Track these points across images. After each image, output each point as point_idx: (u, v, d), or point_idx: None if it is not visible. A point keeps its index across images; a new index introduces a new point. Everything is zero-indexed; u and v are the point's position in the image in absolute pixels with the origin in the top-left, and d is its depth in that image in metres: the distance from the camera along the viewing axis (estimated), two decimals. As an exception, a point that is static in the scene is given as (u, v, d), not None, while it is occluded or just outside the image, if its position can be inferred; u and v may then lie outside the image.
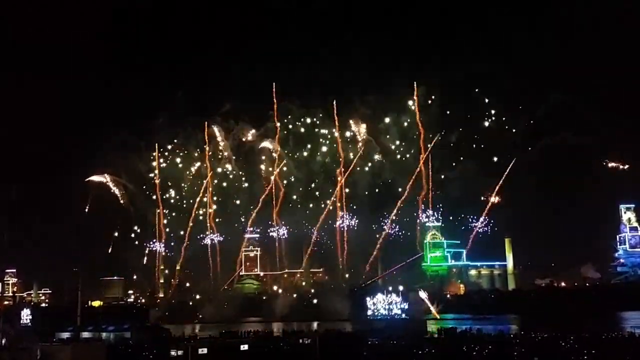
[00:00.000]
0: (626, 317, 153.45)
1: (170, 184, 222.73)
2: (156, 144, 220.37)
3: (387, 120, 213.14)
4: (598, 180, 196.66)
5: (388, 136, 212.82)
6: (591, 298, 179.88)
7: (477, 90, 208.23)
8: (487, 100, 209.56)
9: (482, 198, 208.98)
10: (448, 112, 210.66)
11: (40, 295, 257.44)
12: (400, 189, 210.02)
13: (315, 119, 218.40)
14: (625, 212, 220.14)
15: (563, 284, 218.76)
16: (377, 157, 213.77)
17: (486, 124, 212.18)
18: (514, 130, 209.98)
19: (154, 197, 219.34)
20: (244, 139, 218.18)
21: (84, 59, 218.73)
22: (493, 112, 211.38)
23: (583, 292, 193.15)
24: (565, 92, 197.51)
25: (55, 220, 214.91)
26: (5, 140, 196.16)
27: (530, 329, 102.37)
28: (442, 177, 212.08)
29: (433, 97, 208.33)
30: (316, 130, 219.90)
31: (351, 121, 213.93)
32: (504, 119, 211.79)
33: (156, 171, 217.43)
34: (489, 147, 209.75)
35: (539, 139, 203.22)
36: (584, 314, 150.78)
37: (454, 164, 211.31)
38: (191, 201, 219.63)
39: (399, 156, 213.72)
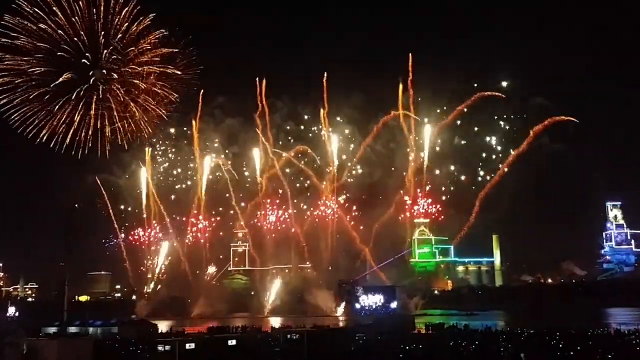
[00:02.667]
0: (612, 313, 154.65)
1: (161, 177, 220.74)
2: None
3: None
4: (585, 177, 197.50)
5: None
6: (577, 294, 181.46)
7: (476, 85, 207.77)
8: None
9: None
10: (438, 111, 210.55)
11: (27, 289, 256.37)
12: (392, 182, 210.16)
13: (305, 116, 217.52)
14: (611, 210, 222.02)
15: (550, 280, 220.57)
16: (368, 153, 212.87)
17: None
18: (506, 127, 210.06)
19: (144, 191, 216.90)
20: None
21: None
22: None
23: (569, 289, 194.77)
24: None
25: (42, 214, 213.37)
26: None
27: (516, 325, 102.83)
28: (434, 172, 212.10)
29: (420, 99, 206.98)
30: (306, 126, 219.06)
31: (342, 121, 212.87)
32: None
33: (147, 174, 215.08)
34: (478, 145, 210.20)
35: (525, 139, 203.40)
36: (570, 310, 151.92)
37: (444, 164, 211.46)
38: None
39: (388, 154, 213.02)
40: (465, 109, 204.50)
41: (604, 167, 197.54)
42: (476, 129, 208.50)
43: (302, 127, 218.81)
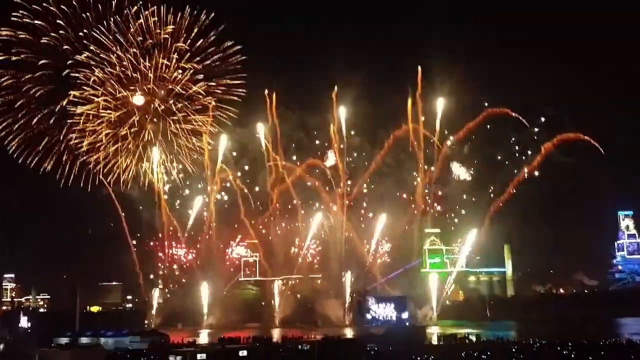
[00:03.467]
0: (624, 323, 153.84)
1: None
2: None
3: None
4: (596, 187, 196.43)
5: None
6: (589, 305, 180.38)
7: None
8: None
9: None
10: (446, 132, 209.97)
11: (39, 300, 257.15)
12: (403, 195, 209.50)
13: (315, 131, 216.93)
14: (623, 219, 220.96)
15: (561, 290, 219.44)
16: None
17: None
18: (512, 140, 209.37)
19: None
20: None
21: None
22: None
23: (581, 299, 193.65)
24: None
25: (54, 225, 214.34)
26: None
27: (528, 336, 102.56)
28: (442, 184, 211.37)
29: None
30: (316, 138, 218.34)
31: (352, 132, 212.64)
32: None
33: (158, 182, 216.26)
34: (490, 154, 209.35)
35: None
36: (583, 320, 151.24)
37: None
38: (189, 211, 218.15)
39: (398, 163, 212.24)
40: (475, 125, 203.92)
41: (616, 176, 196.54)
42: (486, 144, 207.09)
43: (314, 139, 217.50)
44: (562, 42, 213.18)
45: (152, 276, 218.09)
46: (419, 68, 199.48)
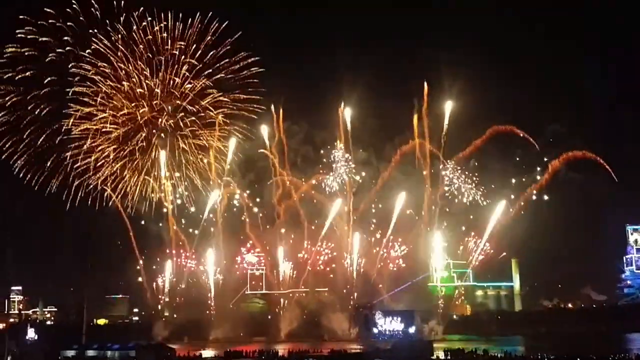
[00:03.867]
0: (633, 338, 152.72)
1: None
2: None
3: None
4: (605, 202, 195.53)
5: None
6: (598, 320, 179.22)
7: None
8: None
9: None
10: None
11: (46, 313, 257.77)
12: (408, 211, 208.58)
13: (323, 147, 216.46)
14: (632, 234, 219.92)
15: (570, 305, 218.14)
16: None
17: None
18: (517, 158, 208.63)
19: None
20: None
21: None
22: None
23: (590, 314, 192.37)
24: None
25: (62, 239, 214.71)
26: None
27: (537, 351, 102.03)
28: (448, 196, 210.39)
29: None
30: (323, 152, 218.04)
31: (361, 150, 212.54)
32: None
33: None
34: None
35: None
36: (591, 335, 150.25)
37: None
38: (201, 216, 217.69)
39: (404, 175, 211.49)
40: (481, 142, 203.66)
41: (624, 190, 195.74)
42: (492, 160, 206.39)
43: (320, 152, 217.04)
44: (572, 58, 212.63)
45: (158, 289, 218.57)
46: (425, 84, 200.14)
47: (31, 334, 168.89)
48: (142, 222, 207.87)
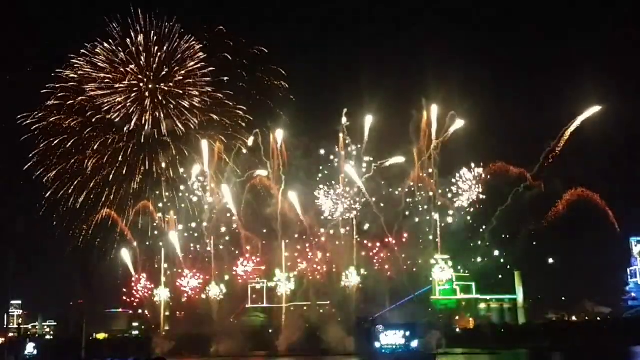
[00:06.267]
0: (638, 351, 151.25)
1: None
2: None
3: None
4: (608, 213, 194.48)
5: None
6: (602, 332, 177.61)
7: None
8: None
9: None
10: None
11: (45, 327, 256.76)
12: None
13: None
14: (636, 245, 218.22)
15: (574, 318, 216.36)
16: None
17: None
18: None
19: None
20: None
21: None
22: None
23: (594, 327, 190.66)
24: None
25: (61, 253, 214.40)
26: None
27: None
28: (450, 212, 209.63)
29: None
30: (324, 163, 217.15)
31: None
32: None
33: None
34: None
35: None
36: (595, 348, 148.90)
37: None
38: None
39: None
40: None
41: (628, 202, 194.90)
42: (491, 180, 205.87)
43: (320, 165, 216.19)
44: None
45: (158, 303, 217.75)
46: (424, 110, 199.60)
47: (30, 348, 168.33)
48: (145, 235, 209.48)
